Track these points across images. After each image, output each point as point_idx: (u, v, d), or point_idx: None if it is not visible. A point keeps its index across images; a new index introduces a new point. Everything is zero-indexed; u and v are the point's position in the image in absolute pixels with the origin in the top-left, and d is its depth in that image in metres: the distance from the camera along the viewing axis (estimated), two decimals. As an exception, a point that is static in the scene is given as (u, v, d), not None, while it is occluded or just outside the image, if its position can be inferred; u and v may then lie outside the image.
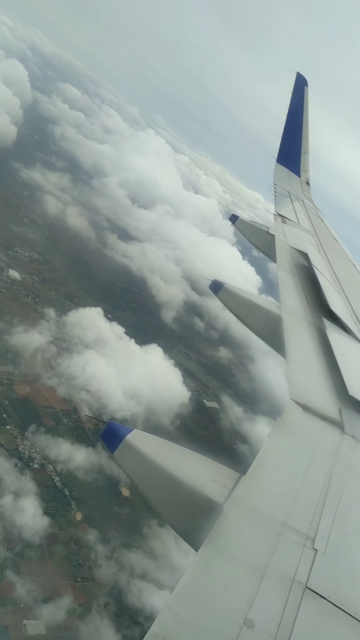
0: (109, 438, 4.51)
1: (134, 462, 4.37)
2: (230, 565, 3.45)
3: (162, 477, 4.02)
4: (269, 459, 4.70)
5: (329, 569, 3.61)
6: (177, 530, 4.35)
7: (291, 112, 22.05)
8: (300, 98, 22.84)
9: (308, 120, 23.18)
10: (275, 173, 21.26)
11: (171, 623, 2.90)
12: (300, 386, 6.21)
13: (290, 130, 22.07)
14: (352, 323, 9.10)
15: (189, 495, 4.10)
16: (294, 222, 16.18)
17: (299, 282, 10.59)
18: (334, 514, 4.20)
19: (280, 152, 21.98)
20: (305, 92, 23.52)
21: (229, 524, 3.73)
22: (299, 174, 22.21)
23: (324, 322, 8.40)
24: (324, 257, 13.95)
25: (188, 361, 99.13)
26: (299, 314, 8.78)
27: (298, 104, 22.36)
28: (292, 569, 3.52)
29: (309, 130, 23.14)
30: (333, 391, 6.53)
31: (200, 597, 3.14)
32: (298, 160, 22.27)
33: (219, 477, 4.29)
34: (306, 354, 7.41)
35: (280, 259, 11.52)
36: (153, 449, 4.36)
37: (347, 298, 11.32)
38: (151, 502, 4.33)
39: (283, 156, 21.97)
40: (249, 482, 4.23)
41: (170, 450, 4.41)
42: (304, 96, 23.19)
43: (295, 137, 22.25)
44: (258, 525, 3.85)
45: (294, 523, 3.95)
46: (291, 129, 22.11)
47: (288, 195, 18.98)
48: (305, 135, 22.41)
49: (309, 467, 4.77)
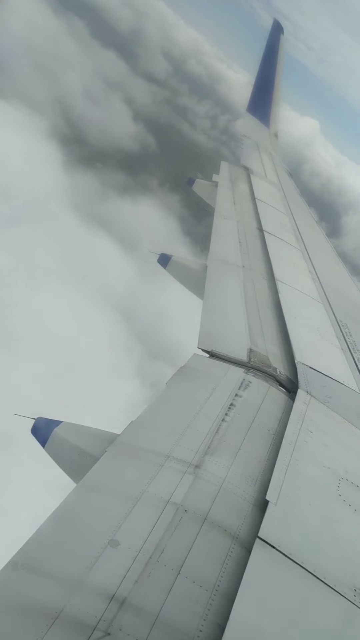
0: (38, 433, 4.63)
1: (64, 454, 4.47)
2: (103, 496, 3.52)
3: (89, 464, 3.96)
4: (162, 402, 4.82)
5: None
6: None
7: (264, 60, 21.34)
8: (274, 45, 22.10)
9: (281, 70, 22.53)
10: (243, 122, 20.73)
11: (32, 551, 2.92)
12: (209, 333, 6.20)
13: (262, 78, 21.39)
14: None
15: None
16: (260, 174, 15.90)
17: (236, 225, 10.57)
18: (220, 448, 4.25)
19: (251, 101, 21.34)
20: (281, 40, 22.78)
21: (106, 463, 3.82)
22: (269, 125, 21.69)
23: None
24: (287, 211, 13.79)
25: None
26: (227, 259, 8.76)
27: (272, 51, 21.64)
28: (168, 493, 3.60)
29: (281, 80, 22.54)
30: (246, 333, 6.56)
31: (67, 527, 3.18)
32: (268, 111, 21.68)
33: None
34: (224, 300, 7.38)
35: (220, 205, 11.35)
36: (80, 438, 4.45)
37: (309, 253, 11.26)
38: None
39: (253, 105, 21.34)
40: (136, 424, 4.33)
41: (98, 437, 4.40)
42: (278, 44, 22.46)
43: (267, 86, 21.59)
44: (139, 460, 3.94)
45: (177, 454, 4.05)
46: (263, 77, 21.44)
47: (256, 147, 18.57)
48: (277, 85, 21.79)
49: (205, 404, 4.85)
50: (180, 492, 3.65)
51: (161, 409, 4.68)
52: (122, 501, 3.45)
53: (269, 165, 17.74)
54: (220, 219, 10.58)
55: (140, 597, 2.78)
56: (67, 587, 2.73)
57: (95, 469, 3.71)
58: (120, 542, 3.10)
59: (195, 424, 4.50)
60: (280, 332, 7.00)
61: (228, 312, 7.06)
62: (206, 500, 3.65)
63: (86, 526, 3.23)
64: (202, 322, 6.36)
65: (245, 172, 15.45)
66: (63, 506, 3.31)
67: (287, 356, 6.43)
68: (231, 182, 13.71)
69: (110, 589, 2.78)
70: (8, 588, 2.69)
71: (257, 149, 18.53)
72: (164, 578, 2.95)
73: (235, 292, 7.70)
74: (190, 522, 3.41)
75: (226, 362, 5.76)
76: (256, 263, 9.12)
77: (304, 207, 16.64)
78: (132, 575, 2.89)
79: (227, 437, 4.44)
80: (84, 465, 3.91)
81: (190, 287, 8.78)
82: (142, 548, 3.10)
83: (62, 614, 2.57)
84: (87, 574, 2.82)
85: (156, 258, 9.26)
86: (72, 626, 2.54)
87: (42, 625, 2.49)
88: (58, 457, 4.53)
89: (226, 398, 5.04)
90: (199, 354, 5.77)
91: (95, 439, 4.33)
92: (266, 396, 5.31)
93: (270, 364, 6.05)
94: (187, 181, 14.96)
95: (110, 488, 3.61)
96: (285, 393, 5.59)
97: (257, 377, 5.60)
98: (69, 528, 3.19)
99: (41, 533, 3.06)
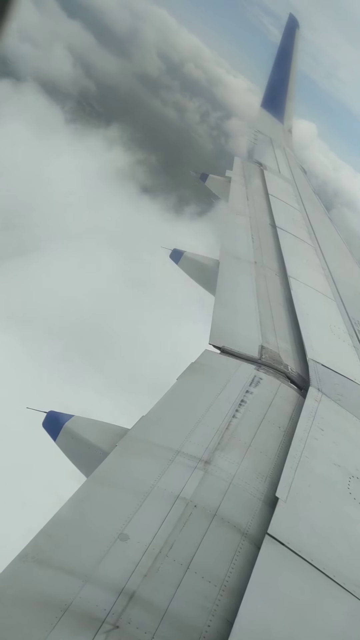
0: (50, 426, 4.64)
1: (74, 447, 4.50)
2: (113, 490, 3.54)
3: (100, 458, 3.98)
4: (173, 398, 4.80)
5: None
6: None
7: (279, 54, 21.18)
8: (290, 40, 21.92)
9: (296, 65, 22.38)
10: (258, 118, 20.60)
11: (43, 544, 2.94)
12: (221, 329, 6.19)
13: (277, 74, 21.23)
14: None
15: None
16: (274, 170, 15.82)
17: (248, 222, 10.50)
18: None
19: (265, 97, 21.19)
20: (296, 35, 22.59)
21: (117, 457, 3.82)
22: (283, 120, 21.54)
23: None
24: (300, 208, 13.71)
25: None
26: (239, 255, 8.72)
27: (287, 46, 21.48)
28: (178, 488, 3.60)
29: (296, 76, 22.38)
30: (258, 329, 6.53)
31: (77, 521, 3.20)
32: (283, 106, 21.54)
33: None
34: (236, 296, 7.35)
35: (233, 201, 11.30)
36: (91, 432, 4.46)
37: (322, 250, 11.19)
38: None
39: (268, 101, 21.20)
40: (147, 419, 4.34)
41: (108, 431, 4.41)
42: (294, 39, 22.28)
43: (282, 81, 21.44)
44: (149, 455, 3.94)
45: (187, 449, 4.05)
46: (278, 72, 21.28)
47: (270, 142, 18.46)
48: (292, 81, 21.64)
49: (215, 400, 4.85)
50: (190, 487, 3.65)
51: (172, 405, 4.68)
52: (132, 496, 3.45)
53: (282, 161, 17.64)
54: (232, 215, 10.54)
55: (149, 591, 2.79)
56: (76, 580, 2.75)
57: (105, 463, 3.72)
58: (130, 536, 3.11)
59: (206, 419, 4.50)
60: (292, 329, 6.98)
61: (239, 308, 7.03)
62: (216, 496, 3.65)
63: (96, 520, 3.25)
64: (213, 318, 6.35)
65: (259, 167, 15.38)
66: (73, 500, 3.33)
67: (298, 353, 6.41)
68: (244, 178, 13.66)
69: (120, 582, 2.79)
70: (19, 580, 2.72)
71: (270, 145, 18.44)
72: (173, 573, 2.96)
73: (247, 288, 7.67)
74: (199, 517, 3.41)
75: (237, 358, 5.74)
76: (268, 259, 9.08)
77: (317, 203, 16.52)
78: (142, 570, 2.90)
79: (238, 433, 4.43)
80: (94, 459, 3.94)
81: (202, 283, 8.76)
82: (151, 542, 3.11)
83: (71, 606, 2.59)
84: (96, 567, 2.84)
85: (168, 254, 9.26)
86: (82, 618, 2.56)
87: (52, 617, 2.52)
88: (69, 451, 4.55)
89: (237, 394, 5.03)
90: (210, 350, 5.76)
91: (105, 433, 4.34)
92: (277, 393, 5.30)
93: (281, 360, 6.03)
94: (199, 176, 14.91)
95: (120, 482, 3.62)
96: (297, 390, 5.57)
97: (268, 374, 5.59)
98: (79, 521, 3.20)
99: (52, 526, 3.08)
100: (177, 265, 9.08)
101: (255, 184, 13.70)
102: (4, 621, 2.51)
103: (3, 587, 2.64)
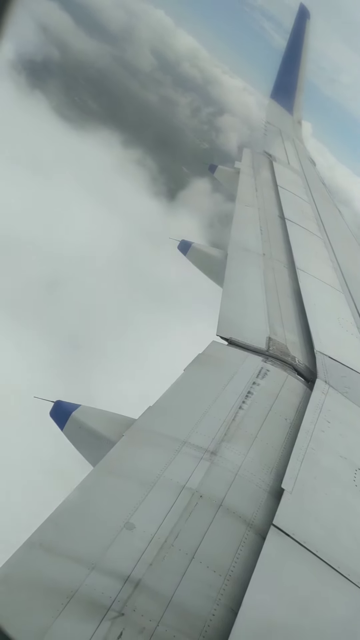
0: (57, 416, 4.66)
1: (81, 437, 4.52)
2: (119, 480, 3.56)
3: (107, 447, 3.99)
4: (180, 389, 4.81)
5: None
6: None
7: (290, 45, 20.98)
8: (300, 30, 21.71)
9: (307, 55, 22.17)
10: (268, 109, 20.44)
11: (50, 532, 2.97)
12: (228, 321, 6.19)
13: (288, 65, 21.05)
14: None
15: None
16: (283, 162, 15.71)
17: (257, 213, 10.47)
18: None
19: (275, 87, 21.01)
20: (307, 25, 22.36)
21: (123, 447, 3.84)
22: (292, 112, 21.37)
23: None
24: (310, 200, 13.62)
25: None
26: (248, 246, 8.70)
27: (298, 36, 21.26)
28: (184, 478, 3.61)
29: (307, 66, 22.18)
30: (265, 321, 6.52)
31: (84, 509, 3.22)
32: (292, 98, 21.35)
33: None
34: (244, 288, 7.34)
35: (242, 192, 11.25)
36: (98, 421, 4.48)
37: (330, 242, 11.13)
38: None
39: (278, 92, 21.02)
40: (154, 409, 4.35)
41: (115, 421, 4.44)
42: (304, 29, 22.06)
43: (292, 72, 21.26)
44: (155, 445, 3.96)
45: (194, 440, 4.07)
46: (288, 63, 21.10)
47: (279, 133, 18.34)
48: (302, 72, 21.45)
49: (222, 392, 4.85)
50: (196, 477, 3.66)
51: (179, 395, 4.69)
52: (138, 485, 3.47)
53: (292, 152, 17.52)
54: (241, 206, 10.49)
55: (154, 579, 2.81)
56: (83, 568, 2.77)
57: (112, 453, 3.74)
58: (136, 525, 3.13)
59: (212, 410, 4.51)
60: (300, 321, 6.95)
61: (247, 300, 7.02)
62: (222, 486, 3.66)
63: (102, 509, 3.27)
64: (221, 309, 6.34)
65: (268, 159, 15.28)
66: (80, 488, 3.35)
67: (306, 345, 6.39)
68: (253, 169, 13.58)
69: (125, 570, 2.81)
70: (26, 567, 2.74)
71: (280, 136, 18.30)
72: (178, 562, 2.98)
73: (255, 280, 7.65)
74: (205, 507, 3.43)
75: (244, 350, 5.74)
76: (277, 251, 9.04)
77: (326, 195, 16.42)
78: (147, 558, 2.92)
79: (244, 424, 4.44)
80: (101, 449, 3.95)
81: (210, 275, 8.74)
82: (157, 532, 3.13)
83: (77, 593, 2.61)
84: (102, 556, 2.86)
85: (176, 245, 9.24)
86: (87, 605, 2.58)
87: (58, 603, 2.54)
88: (76, 440, 4.57)
89: (244, 386, 5.03)
90: (218, 341, 5.76)
91: (112, 423, 4.36)
92: (284, 385, 5.30)
93: (289, 352, 6.02)
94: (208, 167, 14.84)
95: (126, 472, 3.64)
96: (304, 382, 5.56)
97: (276, 366, 5.58)
98: (85, 510, 3.23)
99: (58, 514, 3.10)
100: (185, 256, 9.07)
101: (264, 176, 13.62)
102: (11, 607, 2.53)
103: (10, 574, 2.66)
